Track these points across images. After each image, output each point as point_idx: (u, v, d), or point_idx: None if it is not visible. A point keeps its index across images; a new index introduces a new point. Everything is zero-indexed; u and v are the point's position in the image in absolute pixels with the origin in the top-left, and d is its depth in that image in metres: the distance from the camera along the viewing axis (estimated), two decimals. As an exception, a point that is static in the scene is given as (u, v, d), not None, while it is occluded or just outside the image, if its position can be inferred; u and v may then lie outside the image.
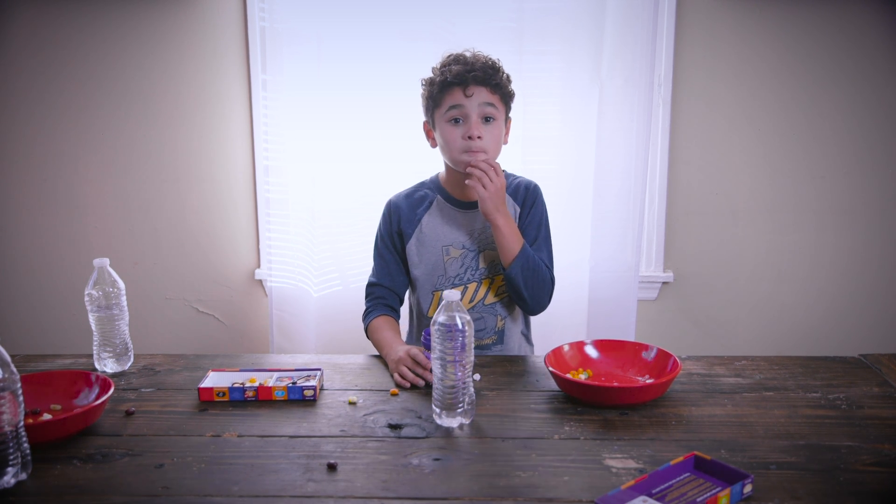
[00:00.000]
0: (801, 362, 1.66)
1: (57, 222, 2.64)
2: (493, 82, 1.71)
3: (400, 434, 1.36)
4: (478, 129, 1.70)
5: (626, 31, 2.31)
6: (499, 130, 1.75)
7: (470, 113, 1.70)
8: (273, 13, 2.37)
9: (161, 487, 1.20)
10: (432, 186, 1.87)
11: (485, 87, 1.71)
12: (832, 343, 2.53)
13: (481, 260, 1.81)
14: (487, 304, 1.82)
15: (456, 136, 1.72)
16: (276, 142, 2.47)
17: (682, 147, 2.49)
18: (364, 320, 1.85)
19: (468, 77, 1.69)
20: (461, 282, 1.81)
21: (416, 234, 1.83)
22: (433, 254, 1.82)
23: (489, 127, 1.72)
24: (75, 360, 1.73)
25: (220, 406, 1.48)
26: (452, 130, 1.72)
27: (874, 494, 1.14)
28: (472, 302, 1.81)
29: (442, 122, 1.74)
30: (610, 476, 1.21)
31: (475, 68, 1.70)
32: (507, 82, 1.76)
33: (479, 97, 1.70)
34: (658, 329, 2.61)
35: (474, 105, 1.70)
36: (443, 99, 1.73)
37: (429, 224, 1.83)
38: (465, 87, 1.70)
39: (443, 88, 1.72)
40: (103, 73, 2.52)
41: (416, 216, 1.84)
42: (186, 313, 2.70)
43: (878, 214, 2.50)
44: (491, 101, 1.72)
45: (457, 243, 1.81)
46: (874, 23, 2.37)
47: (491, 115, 1.72)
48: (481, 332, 1.83)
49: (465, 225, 1.82)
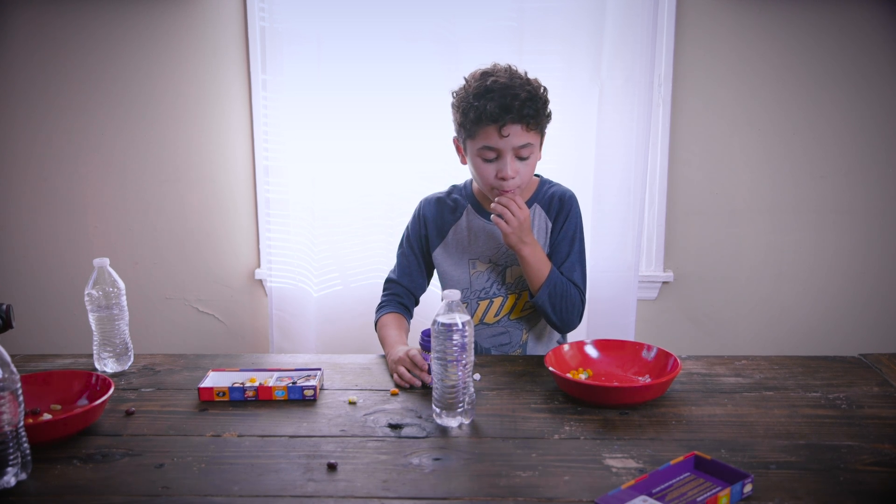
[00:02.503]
0: (801, 362, 1.66)
1: (57, 222, 2.65)
2: (531, 120, 1.63)
3: (400, 434, 1.36)
4: (512, 170, 1.64)
5: (626, 31, 2.31)
6: (532, 163, 1.70)
7: (504, 153, 1.64)
8: (273, 13, 2.37)
9: (161, 487, 1.20)
10: (464, 194, 1.84)
11: (522, 124, 1.62)
12: (832, 343, 2.53)
13: (508, 275, 1.79)
14: (513, 320, 1.81)
15: (489, 173, 1.67)
16: (276, 142, 2.47)
17: (682, 146, 2.49)
18: (376, 313, 1.85)
19: (506, 118, 1.60)
20: (487, 296, 1.79)
21: (444, 243, 1.82)
22: (460, 266, 1.81)
23: (524, 163, 1.67)
24: (75, 360, 1.73)
25: (220, 406, 1.48)
26: (485, 167, 1.67)
27: (874, 494, 1.14)
28: (497, 316, 1.80)
29: (474, 154, 1.68)
30: (610, 476, 1.21)
31: (513, 108, 1.60)
32: (544, 112, 1.67)
33: (514, 137, 1.62)
34: (658, 329, 2.61)
35: (509, 146, 1.63)
36: (476, 133, 1.65)
37: (457, 236, 1.81)
38: (502, 127, 1.61)
39: (477, 122, 1.63)
40: (103, 73, 2.52)
41: (444, 224, 1.82)
42: (186, 313, 2.70)
43: (879, 214, 2.50)
44: (527, 141, 1.64)
45: (483, 257, 1.80)
46: (874, 22, 2.37)
47: (526, 154, 1.66)
48: (506, 346, 1.82)
49: (493, 238, 1.79)
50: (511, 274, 1.79)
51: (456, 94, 1.71)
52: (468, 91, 1.67)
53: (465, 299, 1.80)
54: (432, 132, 2.39)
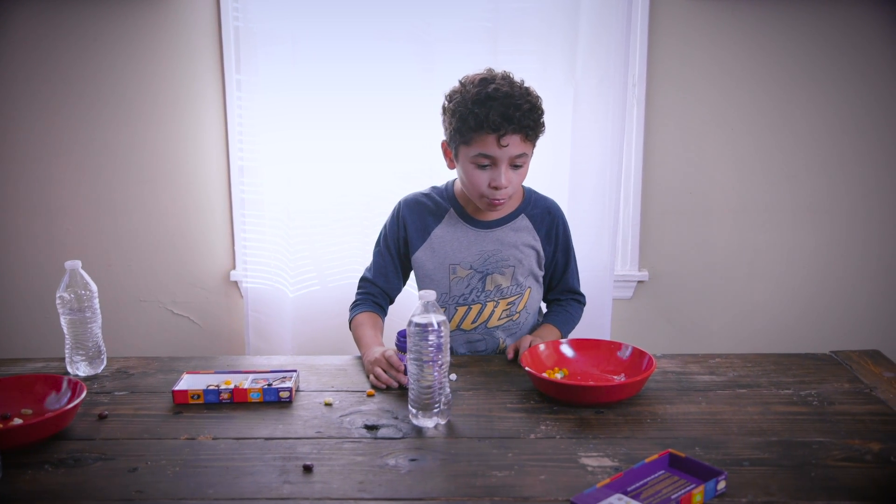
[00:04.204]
0: (773, 360, 1.68)
1: (28, 224, 2.61)
2: (529, 130, 1.63)
3: (376, 435, 1.36)
4: (507, 180, 1.64)
5: (601, 31, 2.32)
6: (524, 172, 1.70)
7: (500, 162, 1.64)
8: (247, 13, 2.35)
9: (135, 492, 1.19)
10: (446, 196, 1.81)
11: (520, 135, 1.62)
12: (804, 340, 2.55)
13: (489, 282, 1.78)
14: (490, 328, 1.81)
15: (482, 181, 1.66)
16: (251, 142, 2.45)
17: (657, 146, 2.51)
18: (350, 311, 1.84)
19: (507, 128, 1.60)
20: (465, 302, 1.78)
21: (424, 245, 1.80)
22: (440, 270, 1.79)
23: (517, 172, 1.67)
24: (47, 364, 1.71)
25: (194, 409, 1.47)
26: (479, 175, 1.66)
27: (845, 489, 1.16)
28: (474, 323, 1.80)
29: (467, 161, 1.66)
30: (586, 474, 1.21)
31: (515, 119, 1.59)
32: (541, 123, 1.67)
33: (512, 147, 1.62)
34: (633, 328, 2.63)
35: (506, 155, 1.63)
36: (473, 140, 1.63)
37: (438, 239, 1.79)
38: (501, 137, 1.61)
39: (476, 130, 1.61)
40: (76, 74, 2.49)
41: (426, 227, 1.79)
42: (161, 315, 2.68)
43: (850, 214, 2.53)
44: (523, 151, 1.65)
45: (465, 263, 1.78)
46: (847, 22, 2.40)
47: (521, 163, 1.67)
48: (482, 352, 1.82)
49: (475, 244, 1.78)
50: (491, 282, 1.78)
51: (451, 98, 1.68)
52: (466, 97, 1.63)
53: (444, 304, 1.79)
54: (408, 132, 2.39)
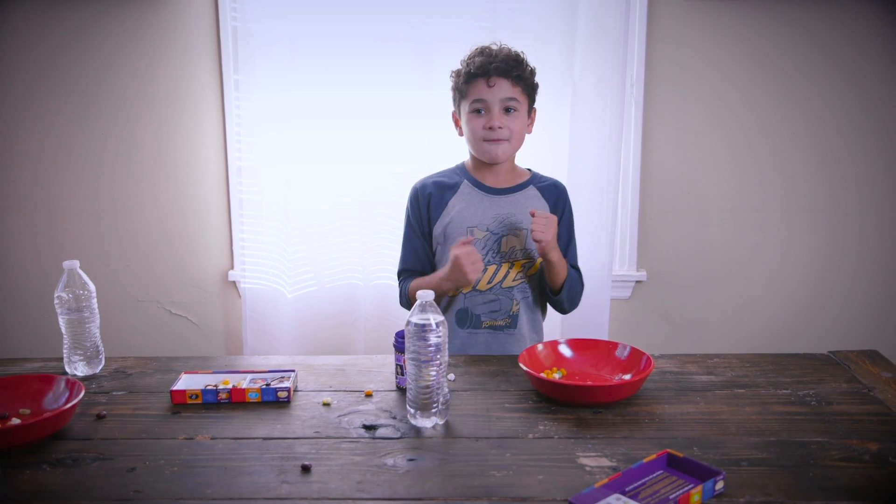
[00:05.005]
0: (771, 360, 1.68)
1: (26, 224, 2.61)
2: (515, 74, 1.80)
3: (374, 435, 1.36)
4: (499, 120, 1.80)
5: (599, 31, 2.32)
6: (521, 121, 1.84)
7: (492, 105, 1.80)
8: (245, 13, 2.35)
9: (133, 492, 1.19)
10: (459, 172, 1.94)
11: (507, 79, 1.79)
12: (802, 340, 2.56)
13: (503, 244, 1.86)
14: (505, 288, 1.87)
15: (478, 126, 1.82)
16: (249, 142, 2.45)
17: (655, 147, 2.51)
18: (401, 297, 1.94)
19: (490, 68, 1.78)
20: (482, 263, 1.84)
21: (442, 216, 1.89)
22: (459, 235, 1.86)
23: (511, 117, 1.82)
24: (45, 364, 1.71)
25: (192, 409, 1.47)
26: (476, 120, 1.82)
27: (843, 489, 1.16)
28: (489, 284, 1.86)
29: (466, 113, 1.84)
30: (584, 474, 1.22)
31: (498, 59, 1.79)
32: (530, 75, 1.85)
33: (501, 89, 1.79)
34: (631, 328, 2.63)
35: (496, 97, 1.79)
36: (468, 90, 1.82)
37: (456, 207, 1.88)
38: (488, 79, 1.79)
39: (468, 80, 1.81)
40: (74, 74, 2.49)
41: (444, 199, 1.90)
42: (159, 315, 2.68)
43: (847, 213, 2.54)
44: (513, 95, 1.81)
45: (482, 225, 1.87)
46: (843, 23, 2.40)
47: (513, 107, 1.81)
48: (496, 313, 1.87)
49: (490, 209, 1.88)
50: (506, 243, 1.86)
51: (452, 71, 1.89)
52: (463, 61, 1.86)
53: None
54: (406, 132, 2.40)
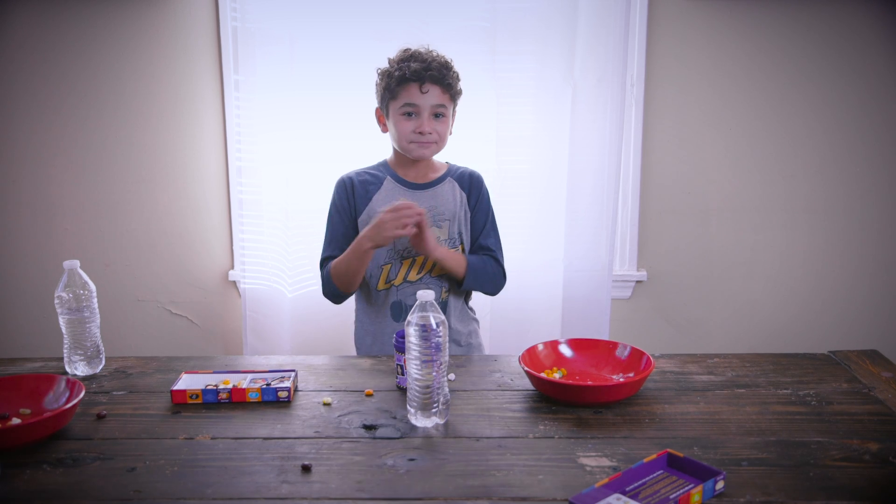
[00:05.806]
0: (772, 359, 1.68)
1: (27, 224, 2.61)
2: (446, 82, 1.87)
3: (375, 435, 1.36)
4: (429, 125, 1.87)
5: (599, 31, 2.32)
6: (447, 124, 1.91)
7: (422, 110, 1.86)
8: (245, 13, 2.35)
9: (133, 491, 1.19)
10: (381, 168, 2.00)
11: (439, 86, 1.86)
12: (802, 340, 2.56)
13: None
14: (434, 277, 1.93)
15: (408, 129, 1.87)
16: (249, 142, 2.45)
17: (655, 146, 2.51)
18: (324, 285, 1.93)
19: (426, 75, 1.84)
20: (409, 255, 1.91)
21: (367, 210, 1.93)
22: None
23: (439, 122, 1.89)
24: (45, 364, 1.71)
25: (193, 408, 1.47)
26: (406, 123, 1.88)
27: (843, 489, 1.16)
28: (419, 274, 1.92)
29: (396, 114, 1.88)
30: (584, 474, 1.22)
31: (432, 67, 1.85)
32: (457, 82, 1.92)
33: (432, 96, 1.86)
34: (632, 328, 2.63)
35: (427, 103, 1.86)
36: (400, 93, 1.87)
37: (379, 202, 1.92)
38: (422, 84, 1.85)
39: (401, 82, 1.86)
40: (74, 74, 2.49)
41: (367, 193, 1.95)
42: (159, 315, 2.68)
43: (847, 213, 2.53)
44: (442, 102, 1.88)
45: None
46: (844, 22, 2.40)
47: (442, 113, 1.88)
48: None
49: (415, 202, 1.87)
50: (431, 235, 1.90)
51: (380, 69, 1.94)
52: (392, 62, 1.91)
53: (390, 260, 1.92)
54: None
